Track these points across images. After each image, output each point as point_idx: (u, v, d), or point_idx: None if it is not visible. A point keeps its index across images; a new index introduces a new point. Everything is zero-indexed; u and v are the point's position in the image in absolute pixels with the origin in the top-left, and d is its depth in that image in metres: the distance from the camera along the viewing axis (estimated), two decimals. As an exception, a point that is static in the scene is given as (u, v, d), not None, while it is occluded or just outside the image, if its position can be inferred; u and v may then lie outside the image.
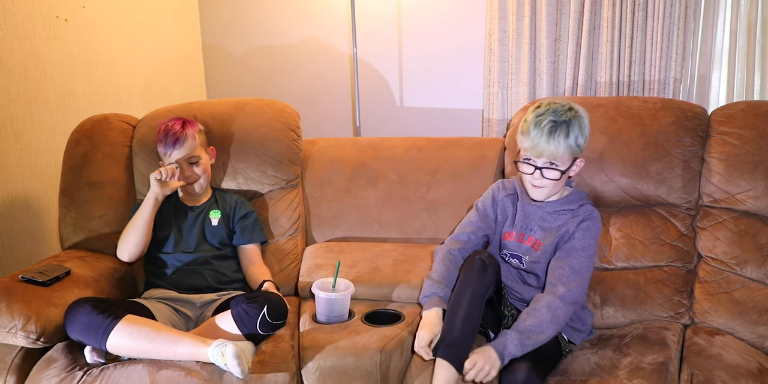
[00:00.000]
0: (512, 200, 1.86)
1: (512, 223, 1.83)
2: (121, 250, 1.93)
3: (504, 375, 1.55)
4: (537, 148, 1.66)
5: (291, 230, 2.19)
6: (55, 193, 2.38)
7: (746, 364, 1.60)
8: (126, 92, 2.83)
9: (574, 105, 1.70)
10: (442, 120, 3.18)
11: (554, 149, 1.65)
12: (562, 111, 1.66)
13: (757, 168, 1.94)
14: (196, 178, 2.00)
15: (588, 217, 1.73)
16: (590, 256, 1.70)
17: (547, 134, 1.64)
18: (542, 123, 1.65)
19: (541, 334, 1.59)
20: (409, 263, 2.00)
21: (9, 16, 2.23)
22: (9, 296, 1.67)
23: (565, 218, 1.75)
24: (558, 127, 1.64)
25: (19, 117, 2.30)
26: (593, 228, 1.72)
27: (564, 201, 1.77)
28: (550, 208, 1.77)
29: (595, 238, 1.73)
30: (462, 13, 3.03)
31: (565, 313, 1.63)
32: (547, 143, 1.64)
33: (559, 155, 1.66)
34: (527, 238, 1.79)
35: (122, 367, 1.60)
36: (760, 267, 1.88)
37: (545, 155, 1.66)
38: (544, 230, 1.77)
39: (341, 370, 1.64)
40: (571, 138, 1.65)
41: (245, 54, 3.36)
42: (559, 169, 1.68)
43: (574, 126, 1.65)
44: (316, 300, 1.82)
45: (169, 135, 1.97)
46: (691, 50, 2.72)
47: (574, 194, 1.78)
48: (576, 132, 1.65)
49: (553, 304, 1.63)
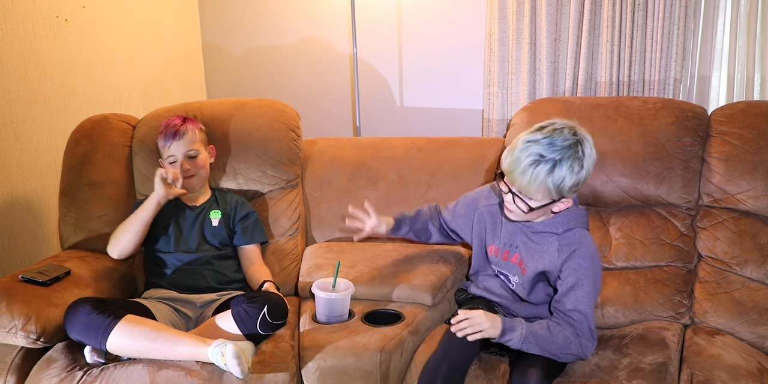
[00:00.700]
0: (493, 213, 1.74)
1: (495, 235, 1.73)
2: (113, 247, 1.93)
3: (515, 378, 1.53)
4: (511, 175, 1.48)
5: (291, 230, 2.19)
6: (55, 193, 2.37)
7: (746, 364, 1.60)
8: (126, 92, 2.83)
9: (583, 142, 1.46)
10: (442, 120, 3.18)
11: (526, 184, 1.45)
12: (560, 146, 1.43)
13: (757, 168, 1.94)
14: (193, 173, 2.00)
15: (573, 254, 1.55)
16: (591, 298, 1.57)
17: (527, 165, 1.43)
18: (528, 150, 1.44)
19: (543, 350, 1.54)
20: (409, 263, 2.00)
21: (9, 16, 2.23)
22: (9, 296, 1.67)
23: (549, 245, 1.60)
24: (541, 163, 1.43)
25: (19, 117, 2.30)
26: (583, 264, 1.56)
27: (548, 223, 1.60)
28: (535, 228, 1.63)
29: (588, 274, 1.56)
30: (462, 13, 3.03)
31: (576, 349, 1.56)
32: (522, 174, 1.45)
33: (530, 192, 1.47)
34: (513, 255, 1.69)
35: (122, 367, 1.60)
36: (760, 267, 1.88)
37: (516, 186, 1.50)
38: (528, 251, 1.64)
39: (341, 370, 1.64)
40: (552, 178, 1.43)
41: (245, 54, 3.36)
42: (529, 204, 1.51)
43: (563, 166, 1.43)
44: (316, 300, 1.82)
45: (170, 127, 1.99)
46: (691, 50, 2.72)
47: (562, 217, 1.60)
48: (563, 174, 1.43)
49: (570, 339, 1.54)
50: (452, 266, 2.01)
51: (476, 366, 1.66)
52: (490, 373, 1.64)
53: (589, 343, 1.57)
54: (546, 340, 1.53)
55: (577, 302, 1.57)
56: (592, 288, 1.58)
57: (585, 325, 1.57)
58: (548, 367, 1.55)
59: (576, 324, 1.57)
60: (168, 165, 2.00)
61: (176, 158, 1.98)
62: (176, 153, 1.97)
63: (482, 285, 1.82)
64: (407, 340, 1.72)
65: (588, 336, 1.57)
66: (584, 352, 1.57)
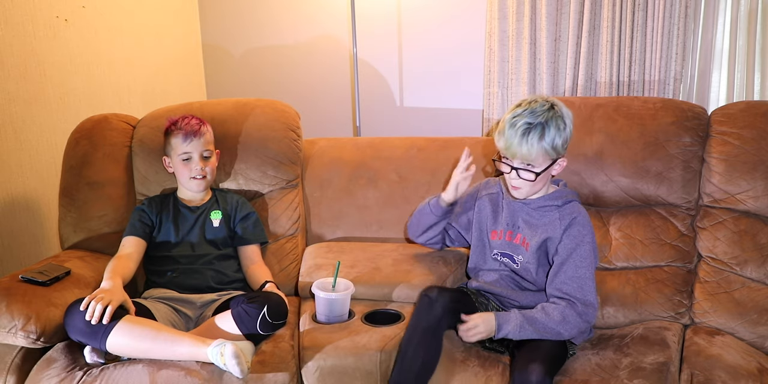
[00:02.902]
0: (494, 199, 1.86)
1: (496, 221, 1.83)
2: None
3: (517, 375, 1.54)
4: (510, 150, 1.65)
5: (291, 230, 2.19)
6: (55, 193, 2.37)
7: (746, 364, 1.60)
8: (126, 92, 2.83)
9: (557, 103, 1.66)
10: (442, 120, 3.18)
11: (527, 152, 1.63)
12: (540, 111, 1.63)
13: (757, 168, 1.94)
14: (205, 174, 2.00)
15: (573, 221, 1.70)
16: (587, 260, 1.68)
17: (521, 136, 1.62)
18: (517, 124, 1.63)
19: (545, 332, 1.62)
20: (409, 263, 2.00)
21: (9, 16, 2.23)
22: (9, 296, 1.67)
23: (551, 216, 1.73)
24: (532, 130, 1.62)
25: (19, 117, 2.30)
26: (583, 231, 1.70)
27: (549, 197, 1.75)
28: (535, 204, 1.76)
29: (587, 240, 1.70)
30: (462, 13, 3.03)
31: (578, 322, 1.64)
32: (519, 145, 1.63)
33: (532, 158, 1.64)
34: (516, 235, 1.79)
35: (122, 367, 1.60)
36: (760, 267, 1.88)
37: (518, 157, 1.66)
38: (531, 228, 1.76)
39: (341, 370, 1.64)
40: (546, 140, 1.62)
41: (245, 54, 3.36)
42: (534, 171, 1.67)
43: (550, 127, 1.62)
44: (316, 300, 1.82)
45: (189, 125, 1.97)
46: (691, 50, 2.72)
47: (560, 191, 1.77)
48: (552, 134, 1.63)
49: (566, 311, 1.64)
50: (452, 266, 2.01)
51: (475, 363, 1.67)
52: (489, 369, 1.64)
53: (586, 308, 1.64)
54: (542, 322, 1.62)
55: (577, 268, 1.67)
56: (590, 253, 1.69)
57: (580, 293, 1.65)
58: (549, 362, 1.57)
59: (570, 295, 1.65)
60: (180, 162, 1.98)
61: (190, 155, 1.97)
62: (193, 151, 1.97)
63: (482, 279, 1.85)
64: (407, 340, 1.72)
65: (584, 302, 1.64)
66: (584, 320, 1.64)
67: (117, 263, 1.83)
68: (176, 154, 1.98)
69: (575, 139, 2.09)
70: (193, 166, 1.97)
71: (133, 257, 1.90)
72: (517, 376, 1.53)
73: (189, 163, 1.98)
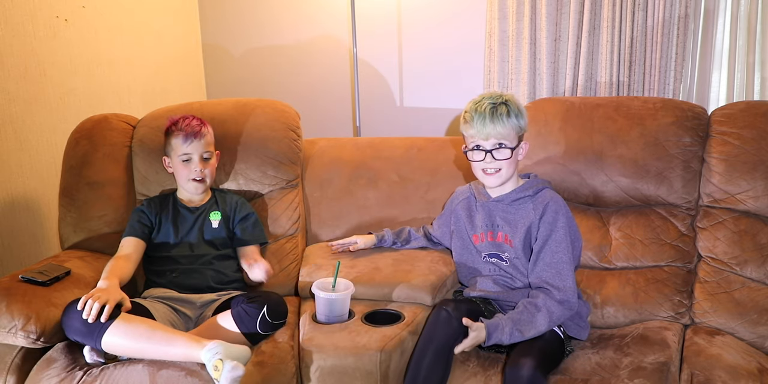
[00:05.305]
0: (467, 204, 1.92)
1: (473, 224, 1.89)
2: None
3: (508, 370, 1.54)
4: (483, 131, 1.73)
5: (291, 230, 2.19)
6: (55, 193, 2.37)
7: (746, 364, 1.60)
8: (126, 92, 2.83)
9: (504, 92, 1.80)
10: (442, 120, 3.19)
11: (500, 128, 1.72)
12: (496, 95, 1.76)
13: (757, 168, 1.94)
14: (203, 176, 2.00)
15: (546, 208, 1.75)
16: (562, 244, 1.72)
17: (490, 115, 1.72)
18: (482, 107, 1.73)
19: (532, 329, 1.64)
20: (409, 263, 2.00)
21: (9, 16, 2.23)
22: (9, 296, 1.67)
23: (526, 208, 1.78)
24: (498, 108, 1.72)
25: (19, 117, 2.30)
26: (556, 216, 1.74)
27: (520, 189, 1.81)
28: (508, 199, 1.81)
29: (560, 225, 1.73)
30: (462, 13, 3.03)
31: (560, 311, 1.67)
32: (492, 123, 1.72)
33: (505, 133, 1.73)
34: (497, 234, 1.83)
35: (122, 367, 1.60)
36: (760, 267, 1.88)
37: (492, 136, 1.73)
38: (510, 225, 1.80)
39: (341, 370, 1.64)
40: (512, 116, 1.73)
41: (245, 54, 3.36)
42: (509, 146, 1.74)
43: (512, 106, 1.74)
44: (316, 300, 1.82)
45: (190, 126, 1.97)
46: (691, 50, 2.72)
47: (530, 182, 1.82)
48: (515, 111, 1.74)
49: (548, 303, 1.67)
50: (452, 266, 2.00)
51: (474, 363, 1.67)
52: (488, 369, 1.65)
53: (565, 294, 1.67)
54: (528, 321, 1.64)
55: (553, 253, 1.71)
56: (565, 237, 1.73)
57: (558, 278, 1.69)
58: (541, 356, 1.58)
59: (549, 282, 1.69)
60: (180, 163, 1.98)
61: (190, 157, 1.97)
62: (193, 152, 1.97)
63: (478, 287, 1.85)
64: (407, 340, 1.72)
65: (562, 288, 1.68)
66: (566, 307, 1.68)
67: (115, 264, 1.83)
68: (176, 155, 1.98)
69: (575, 139, 2.10)
70: (193, 167, 1.97)
71: (132, 258, 1.90)
72: (508, 371, 1.54)
73: (189, 164, 1.98)
